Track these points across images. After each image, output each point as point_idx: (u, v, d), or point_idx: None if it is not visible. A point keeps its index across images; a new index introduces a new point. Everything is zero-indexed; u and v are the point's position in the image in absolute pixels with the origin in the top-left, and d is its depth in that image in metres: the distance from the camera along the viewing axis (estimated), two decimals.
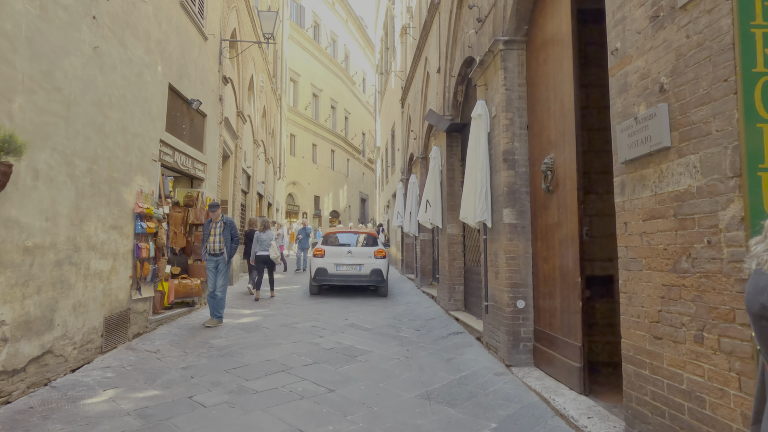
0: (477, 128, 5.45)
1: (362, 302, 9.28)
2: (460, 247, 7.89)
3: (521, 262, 4.90)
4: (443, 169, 8.21)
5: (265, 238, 10.01)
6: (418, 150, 11.33)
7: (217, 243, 7.02)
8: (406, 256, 14.06)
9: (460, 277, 7.85)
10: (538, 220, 4.75)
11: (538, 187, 4.74)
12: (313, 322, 7.28)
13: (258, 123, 14.83)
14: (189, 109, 7.70)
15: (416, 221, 10.85)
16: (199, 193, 8.21)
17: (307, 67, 31.54)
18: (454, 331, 6.64)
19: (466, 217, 5.54)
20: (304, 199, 31.49)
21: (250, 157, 13.93)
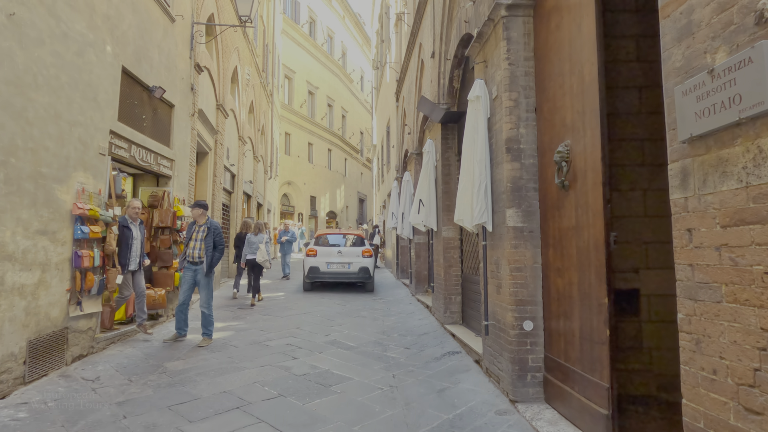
0: (474, 113, 4.57)
1: (350, 312, 8.40)
2: (457, 253, 7.02)
3: (528, 274, 4.02)
4: (438, 164, 7.33)
5: (254, 240, 9.63)
6: (413, 145, 10.45)
7: (198, 250, 6.09)
8: (401, 260, 13.19)
9: (457, 287, 6.98)
10: (550, 222, 3.86)
11: (549, 183, 3.86)
12: (289, 338, 6.40)
13: (244, 119, 13.96)
14: (151, 98, 6.83)
15: (410, 223, 9.97)
16: (165, 192, 7.33)
17: (303, 64, 30.68)
18: (449, 350, 5.75)
19: (462, 219, 4.66)
20: (299, 199, 30.62)
21: (234, 154, 13.06)
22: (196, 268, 6.09)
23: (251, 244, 9.62)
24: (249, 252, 9.61)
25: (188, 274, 6.09)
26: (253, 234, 9.79)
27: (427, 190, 7.38)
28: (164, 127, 7.35)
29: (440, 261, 7.19)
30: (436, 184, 7.43)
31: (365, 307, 8.92)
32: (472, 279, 6.41)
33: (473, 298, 6.34)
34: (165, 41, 7.22)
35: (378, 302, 9.57)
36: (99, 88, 5.44)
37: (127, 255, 5.81)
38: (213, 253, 6.13)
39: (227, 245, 12.91)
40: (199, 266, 6.08)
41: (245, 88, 13.93)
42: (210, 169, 10.46)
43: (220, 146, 10.92)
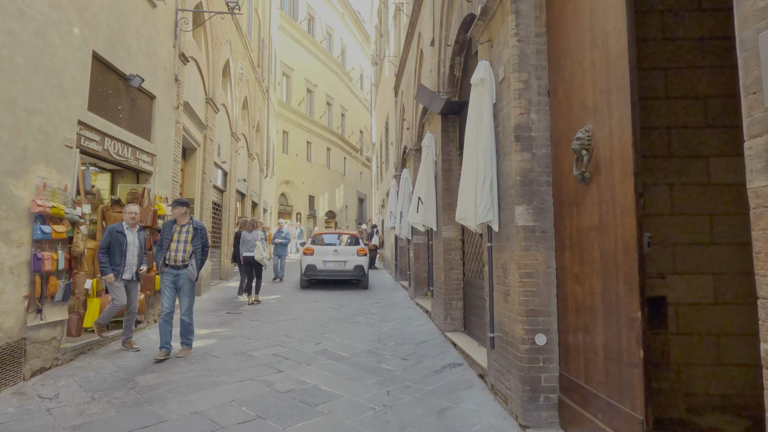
0: (478, 98, 4.06)
1: (344, 317, 7.90)
2: (459, 254, 6.51)
3: (541, 280, 3.51)
4: (438, 159, 6.83)
5: (250, 238, 9.53)
6: (412, 141, 9.95)
7: (181, 252, 5.41)
8: (400, 261, 12.69)
9: (458, 291, 6.47)
10: (566, 221, 3.36)
11: (565, 175, 3.35)
12: (276, 347, 5.90)
13: (237, 114, 13.46)
14: (128, 88, 6.33)
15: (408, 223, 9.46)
16: (145, 189, 6.83)
17: (301, 62, 30.20)
18: (450, 362, 5.24)
19: (465, 218, 4.15)
20: (297, 199, 30.13)
21: (226, 151, 12.56)
22: (179, 272, 5.44)
23: (246, 241, 9.54)
24: (245, 250, 9.53)
25: (169, 280, 5.45)
26: (247, 231, 9.70)
27: (426, 188, 6.87)
28: (144, 120, 6.85)
29: (440, 263, 6.69)
30: (436, 181, 6.92)
31: (361, 312, 8.42)
32: (475, 283, 5.90)
33: (476, 304, 5.83)
34: (145, 27, 6.71)
35: (375, 306, 9.07)
36: (65, 73, 4.94)
37: (122, 262, 5.37)
38: (201, 256, 5.55)
39: (220, 245, 12.40)
40: (181, 270, 5.44)
41: (238, 83, 13.43)
42: (199, 165, 9.96)
43: (209, 142, 10.41)
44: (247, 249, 9.55)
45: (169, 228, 5.50)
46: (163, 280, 5.49)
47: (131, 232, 5.48)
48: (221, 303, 9.21)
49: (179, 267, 5.43)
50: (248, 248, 9.56)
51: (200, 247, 5.53)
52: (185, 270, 5.45)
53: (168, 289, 5.42)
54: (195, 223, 5.59)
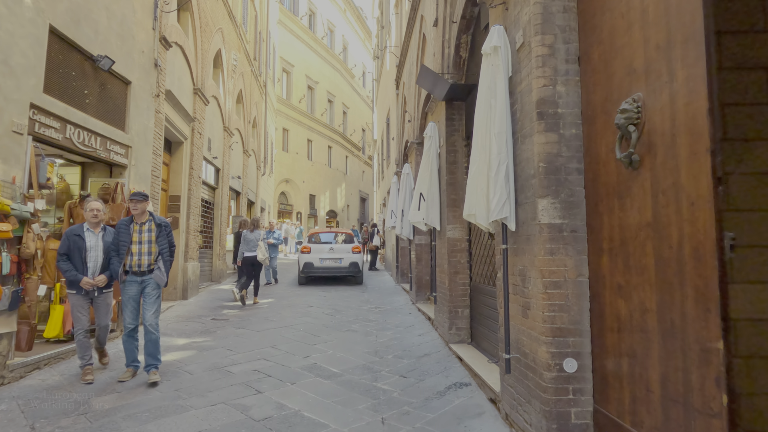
0: (491, 71, 3.38)
1: (339, 324, 7.23)
2: (465, 256, 5.82)
3: (571, 291, 2.83)
4: (441, 151, 6.14)
5: (252, 238, 9.31)
6: (413, 134, 9.27)
7: (146, 255, 4.56)
8: (401, 262, 12.00)
9: (465, 297, 5.78)
10: (604, 218, 2.67)
11: (603, 160, 2.67)
12: (260, 361, 5.23)
13: (231, 108, 12.82)
14: (97, 71, 5.68)
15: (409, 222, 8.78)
16: (118, 184, 6.19)
17: (302, 58, 29.59)
18: (456, 381, 4.56)
19: (475, 215, 3.46)
20: (298, 198, 29.51)
21: (218, 146, 11.91)
22: (144, 279, 4.60)
23: (248, 241, 9.24)
24: (246, 249, 9.21)
25: (133, 289, 4.59)
26: (248, 231, 9.42)
27: (428, 182, 6.19)
28: (117, 107, 6.20)
29: (444, 266, 6.00)
30: (440, 175, 6.24)
31: (358, 318, 7.74)
32: (484, 290, 5.22)
33: (485, 313, 5.15)
34: (117, 5, 6.06)
35: (373, 312, 8.40)
36: (12, 48, 4.29)
37: (82, 271, 4.45)
38: (168, 257, 4.73)
39: (212, 245, 11.76)
40: (147, 276, 4.60)
41: (231, 75, 12.79)
42: (185, 160, 9.31)
43: (198, 135, 9.77)
44: (249, 249, 9.23)
45: (126, 228, 4.56)
46: (125, 291, 4.58)
47: (92, 234, 4.57)
48: (209, 308, 8.56)
49: (144, 272, 4.60)
50: (250, 248, 9.23)
51: (167, 246, 4.70)
52: (151, 275, 4.62)
53: (132, 300, 4.58)
54: (157, 219, 4.71)
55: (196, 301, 9.19)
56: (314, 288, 11.55)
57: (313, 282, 12.69)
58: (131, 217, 4.65)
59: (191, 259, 9.46)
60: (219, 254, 12.07)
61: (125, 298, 4.59)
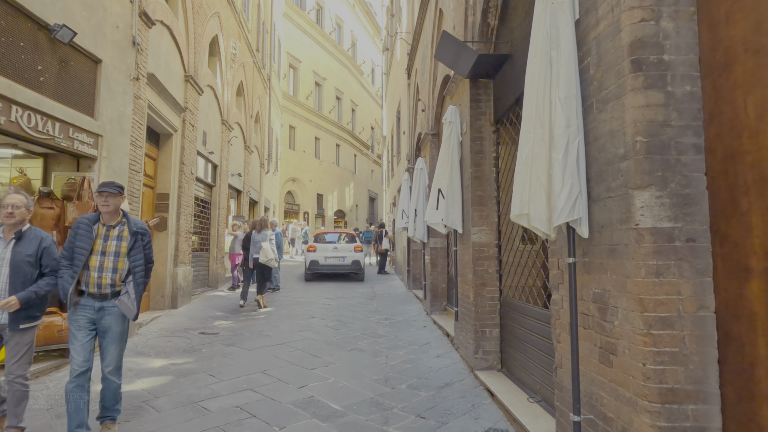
0: (549, 12, 2.39)
1: (344, 341, 6.28)
2: (494, 265, 4.83)
3: (688, 332, 1.84)
4: (465, 138, 5.16)
5: (258, 239, 8.91)
6: (428, 125, 8.29)
7: (109, 272, 3.22)
8: (413, 266, 11.02)
9: (494, 315, 4.79)
10: (752, 218, 1.68)
11: (751, 127, 1.68)
12: (245, 392, 4.30)
13: (230, 100, 11.94)
14: (55, 44, 4.79)
15: (424, 223, 7.81)
16: (86, 179, 5.30)
17: (309, 53, 28.76)
18: (489, 427, 3.57)
19: (529, 215, 2.46)
20: (305, 197, 28.66)
21: (215, 140, 11.03)
22: (104, 306, 3.23)
23: (255, 243, 8.90)
24: (254, 251, 8.84)
25: (85, 317, 3.20)
26: (256, 232, 9.02)
27: (448, 177, 5.21)
28: (83, 89, 5.30)
29: (468, 276, 5.02)
30: (462, 168, 5.26)
31: (365, 333, 6.78)
32: (519, 306, 4.23)
33: (521, 335, 4.16)
34: None
35: (383, 325, 7.43)
36: None
37: None
38: (143, 278, 3.39)
39: (209, 247, 10.88)
40: (109, 303, 3.25)
41: (230, 65, 11.91)
42: (175, 154, 8.42)
43: (190, 128, 8.88)
44: (256, 250, 8.81)
45: (87, 230, 3.23)
46: (74, 319, 3.21)
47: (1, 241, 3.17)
48: (199, 319, 7.65)
49: (106, 296, 3.24)
50: (257, 249, 8.81)
51: (142, 263, 3.35)
52: (116, 301, 3.28)
53: (82, 333, 3.18)
54: (133, 224, 3.37)
55: (187, 310, 8.29)
56: (318, 295, 10.62)
57: (318, 288, 11.78)
58: (97, 215, 3.31)
59: (182, 264, 8.58)
60: (216, 257, 11.19)
61: (73, 329, 3.21)
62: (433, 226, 5.42)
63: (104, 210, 3.25)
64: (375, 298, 10.16)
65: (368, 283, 13.06)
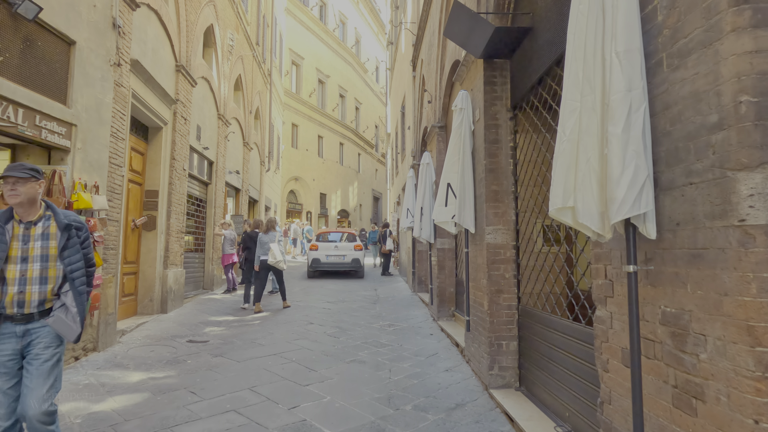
0: None
1: (343, 351, 5.73)
2: (511, 269, 4.27)
3: None
4: (478, 126, 4.60)
5: (266, 240, 8.60)
6: (435, 117, 7.73)
7: (34, 284, 2.54)
8: (419, 268, 10.46)
9: (511, 325, 4.23)
10: None
11: None
12: (227, 414, 3.76)
13: (226, 94, 11.43)
14: (18, 21, 4.27)
15: (430, 222, 7.25)
16: (56, 172, 4.78)
17: (312, 50, 28.25)
18: None
19: (574, 211, 1.88)
20: (308, 196, 28.16)
21: (211, 136, 10.52)
22: (30, 329, 2.53)
23: (263, 244, 8.58)
24: (261, 253, 8.54)
25: (5, 353, 2.48)
26: (262, 233, 8.71)
27: (459, 170, 4.65)
28: (53, 73, 4.79)
29: (482, 282, 4.45)
30: (474, 159, 4.70)
31: (367, 342, 6.23)
32: (541, 317, 3.67)
33: (544, 351, 3.59)
34: None
35: (386, 332, 6.88)
36: None
37: None
38: (84, 286, 2.69)
39: (204, 247, 10.36)
40: (35, 325, 2.55)
41: (227, 57, 11.40)
42: (166, 149, 7.91)
43: (182, 121, 8.36)
44: (264, 252, 8.54)
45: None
46: None
47: None
48: (189, 325, 7.13)
49: (31, 317, 2.54)
50: (264, 251, 8.55)
51: (80, 265, 2.67)
52: (47, 320, 2.57)
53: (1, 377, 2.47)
54: (62, 216, 2.68)
55: (177, 315, 7.77)
56: (318, 298, 10.08)
57: (318, 291, 11.26)
58: (9, 211, 2.58)
59: (173, 266, 8.06)
60: (212, 258, 10.68)
61: None
62: (442, 225, 4.85)
63: (13, 201, 2.51)
64: (378, 302, 9.61)
65: (371, 285, 12.52)
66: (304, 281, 12.84)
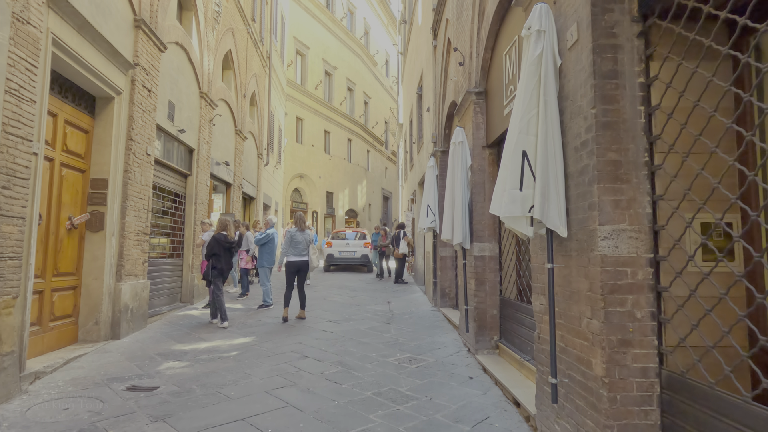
0: None
1: (345, 412, 3.87)
2: (647, 303, 2.36)
3: None
4: (571, 55, 2.70)
5: (301, 239, 7.63)
6: (469, 81, 5.83)
7: None
8: (442, 278, 8.56)
9: (648, 406, 2.33)
10: None
11: None
12: None
13: (211, 70, 9.64)
14: None
15: (464, 220, 5.39)
16: None
17: (318, 40, 26.51)
18: None
19: None
20: (313, 195, 26.38)
21: (190, 117, 8.73)
22: None
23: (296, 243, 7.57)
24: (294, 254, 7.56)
25: None
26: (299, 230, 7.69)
27: (542, 131, 2.76)
28: None
29: (587, 324, 2.55)
30: (565, 113, 2.80)
31: (381, 391, 4.35)
32: (703, 394, 1.76)
33: None
34: None
35: (405, 373, 4.99)
36: None
37: None
38: None
39: (182, 252, 8.55)
40: None
41: (213, 26, 9.60)
42: (119, 126, 6.11)
43: (145, 92, 6.57)
44: (299, 252, 7.61)
45: None
46: None
47: None
48: (142, 358, 5.32)
49: None
50: (299, 251, 7.62)
51: None
52: None
53: None
54: None
55: (133, 342, 5.97)
56: (318, 315, 8.23)
57: (319, 303, 9.43)
58: None
59: (131, 277, 6.27)
60: (192, 265, 8.88)
61: None
62: (510, 224, 2.94)
63: None
64: (393, 321, 7.73)
65: (383, 296, 10.64)
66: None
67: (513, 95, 4.39)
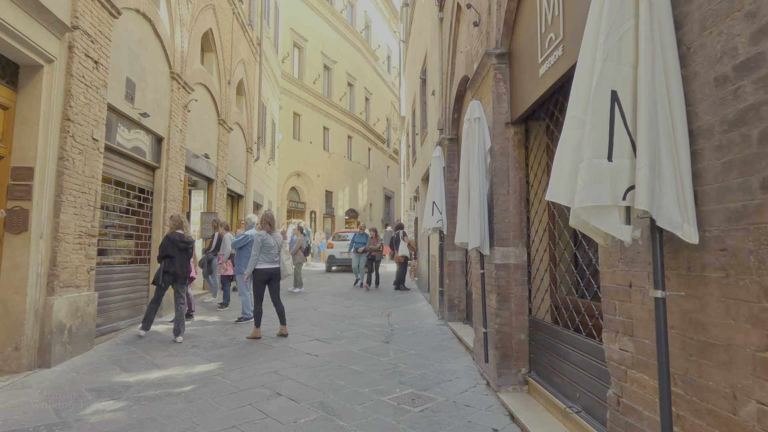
0: None
1: None
2: None
3: None
4: None
5: (273, 243, 6.51)
6: (487, 41, 4.61)
7: None
8: (450, 286, 7.34)
9: None
10: None
11: None
12: None
13: (185, 48, 8.46)
14: None
15: (481, 219, 4.20)
16: None
17: (317, 32, 25.35)
18: None
19: None
20: (311, 194, 25.21)
21: (155, 99, 7.54)
22: None
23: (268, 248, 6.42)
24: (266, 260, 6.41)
25: None
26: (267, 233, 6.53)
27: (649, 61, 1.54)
28: None
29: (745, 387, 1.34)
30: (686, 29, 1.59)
31: None
32: None
33: None
34: None
35: (406, 421, 3.78)
36: None
37: None
38: None
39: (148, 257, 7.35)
40: None
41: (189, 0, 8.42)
42: (51, 102, 4.91)
43: (89, 63, 5.38)
44: (270, 260, 6.46)
45: None
46: None
47: None
48: (67, 397, 4.10)
49: None
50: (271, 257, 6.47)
51: None
52: None
53: None
54: None
55: (66, 371, 4.77)
56: (303, 332, 7.02)
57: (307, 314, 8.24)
58: None
59: (69, 289, 5.08)
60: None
61: None
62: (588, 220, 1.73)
63: None
64: (392, 339, 6.51)
65: (381, 306, 9.43)
66: (293, 297, 9.82)
67: (556, 44, 3.17)
